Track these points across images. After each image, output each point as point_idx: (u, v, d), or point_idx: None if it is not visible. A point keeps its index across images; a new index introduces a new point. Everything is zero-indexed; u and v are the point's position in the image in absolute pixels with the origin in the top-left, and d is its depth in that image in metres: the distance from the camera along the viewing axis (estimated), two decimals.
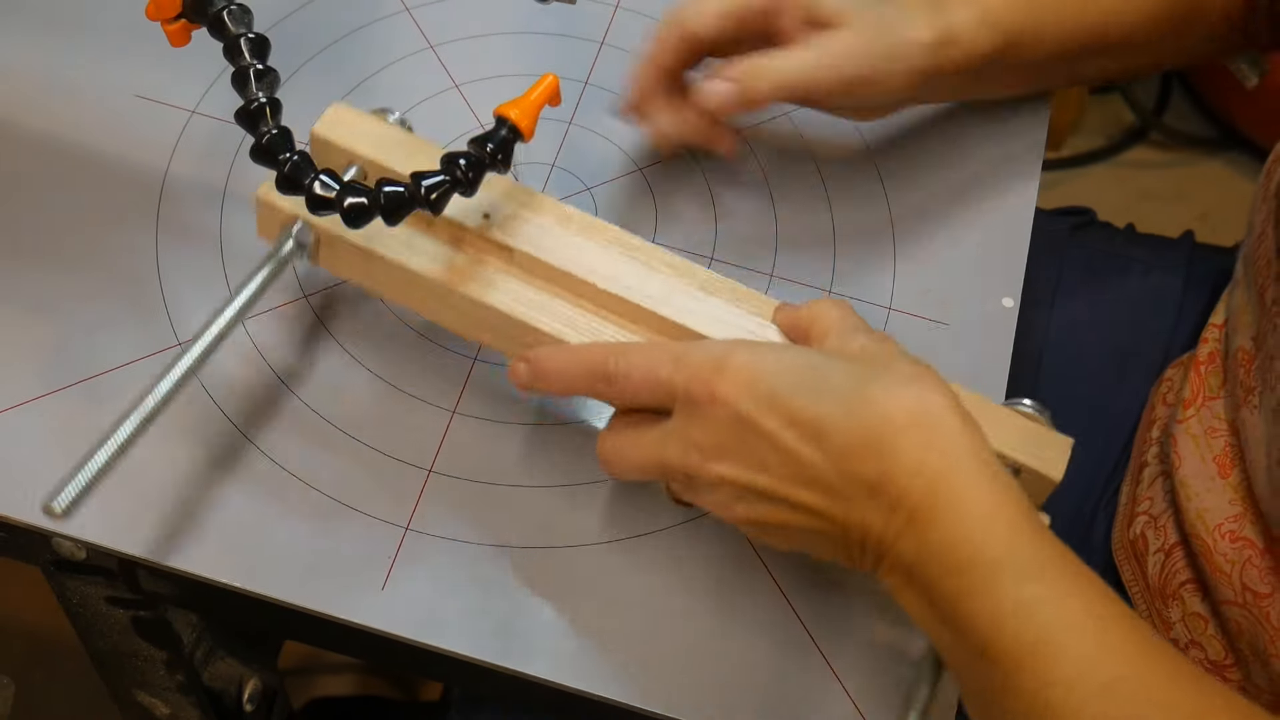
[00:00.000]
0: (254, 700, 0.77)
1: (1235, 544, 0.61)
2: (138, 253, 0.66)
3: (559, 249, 0.58)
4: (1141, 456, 0.72)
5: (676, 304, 0.57)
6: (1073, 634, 0.45)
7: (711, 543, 0.60)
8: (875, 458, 0.48)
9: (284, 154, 0.54)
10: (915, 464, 0.47)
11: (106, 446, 0.52)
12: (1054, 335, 0.81)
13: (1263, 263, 0.65)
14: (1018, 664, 0.45)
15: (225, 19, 0.55)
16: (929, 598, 0.48)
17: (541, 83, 0.57)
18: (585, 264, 0.58)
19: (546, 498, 0.61)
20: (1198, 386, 0.68)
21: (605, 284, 0.57)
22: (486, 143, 0.55)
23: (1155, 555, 0.67)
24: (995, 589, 0.46)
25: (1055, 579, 0.46)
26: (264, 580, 0.57)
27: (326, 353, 0.64)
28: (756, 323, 0.57)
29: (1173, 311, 0.82)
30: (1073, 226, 0.87)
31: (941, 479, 0.47)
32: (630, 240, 0.60)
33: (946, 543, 0.47)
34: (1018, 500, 0.48)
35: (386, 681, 1.31)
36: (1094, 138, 1.84)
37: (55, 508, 0.51)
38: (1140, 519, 0.69)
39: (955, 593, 0.46)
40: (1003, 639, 0.45)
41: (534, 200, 0.60)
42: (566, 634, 0.57)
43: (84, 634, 0.70)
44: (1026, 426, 0.56)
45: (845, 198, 0.73)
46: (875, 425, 0.48)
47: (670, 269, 0.59)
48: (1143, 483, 0.70)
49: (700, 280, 0.59)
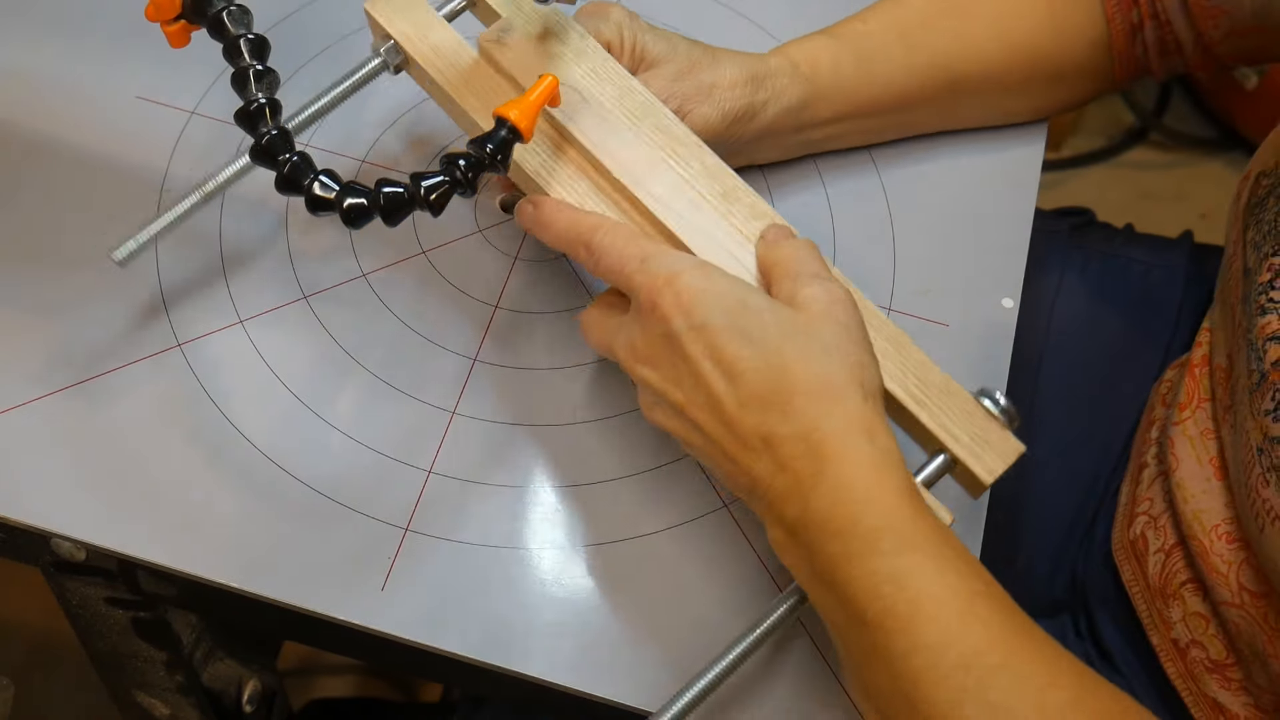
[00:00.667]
0: (253, 701, 0.77)
1: (1231, 545, 0.61)
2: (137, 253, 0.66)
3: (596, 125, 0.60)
4: (1141, 457, 0.72)
5: (675, 206, 0.59)
6: (944, 605, 0.47)
7: (711, 544, 0.60)
8: (773, 414, 0.50)
9: (283, 155, 0.54)
10: (806, 429, 0.50)
11: (168, 214, 0.59)
12: (1054, 336, 0.81)
13: (1233, 282, 0.65)
14: (889, 630, 0.47)
15: (225, 20, 0.55)
16: (810, 560, 0.50)
17: (541, 83, 0.57)
18: (611, 148, 0.60)
19: (546, 498, 0.61)
20: (1193, 390, 0.68)
21: (617, 171, 0.59)
22: (486, 143, 0.55)
23: (1155, 555, 0.67)
24: (872, 556, 0.48)
25: (932, 552, 0.48)
26: (264, 581, 0.57)
27: (326, 353, 0.64)
28: (739, 243, 0.58)
29: (1172, 312, 0.82)
30: (1072, 227, 0.87)
31: (828, 447, 0.50)
32: (676, 130, 0.61)
33: (827, 508, 0.49)
34: (902, 479, 0.50)
35: (386, 683, 1.31)
36: (1094, 138, 1.84)
37: (117, 257, 0.58)
38: (1140, 519, 0.69)
39: (835, 557, 0.49)
40: (877, 604, 0.47)
41: (605, 67, 0.62)
42: (566, 634, 0.57)
43: (84, 635, 0.70)
44: (983, 422, 0.56)
45: (845, 198, 0.73)
46: (781, 383, 0.51)
47: (700, 167, 0.60)
48: (1142, 483, 0.70)
49: (724, 187, 0.60)
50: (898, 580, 0.47)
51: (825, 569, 0.49)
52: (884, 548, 0.48)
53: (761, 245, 0.58)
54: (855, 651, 0.49)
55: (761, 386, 0.51)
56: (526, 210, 0.60)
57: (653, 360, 0.53)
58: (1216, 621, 0.63)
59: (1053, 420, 0.78)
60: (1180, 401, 0.69)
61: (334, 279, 0.67)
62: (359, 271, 0.67)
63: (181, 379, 0.63)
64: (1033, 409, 0.79)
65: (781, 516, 0.51)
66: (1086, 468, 0.77)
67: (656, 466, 0.62)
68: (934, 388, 0.56)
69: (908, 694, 0.47)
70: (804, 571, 0.51)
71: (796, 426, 0.50)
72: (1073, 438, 0.78)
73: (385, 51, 0.63)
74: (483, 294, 0.67)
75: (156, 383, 0.62)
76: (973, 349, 0.67)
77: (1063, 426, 0.78)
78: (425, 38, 0.63)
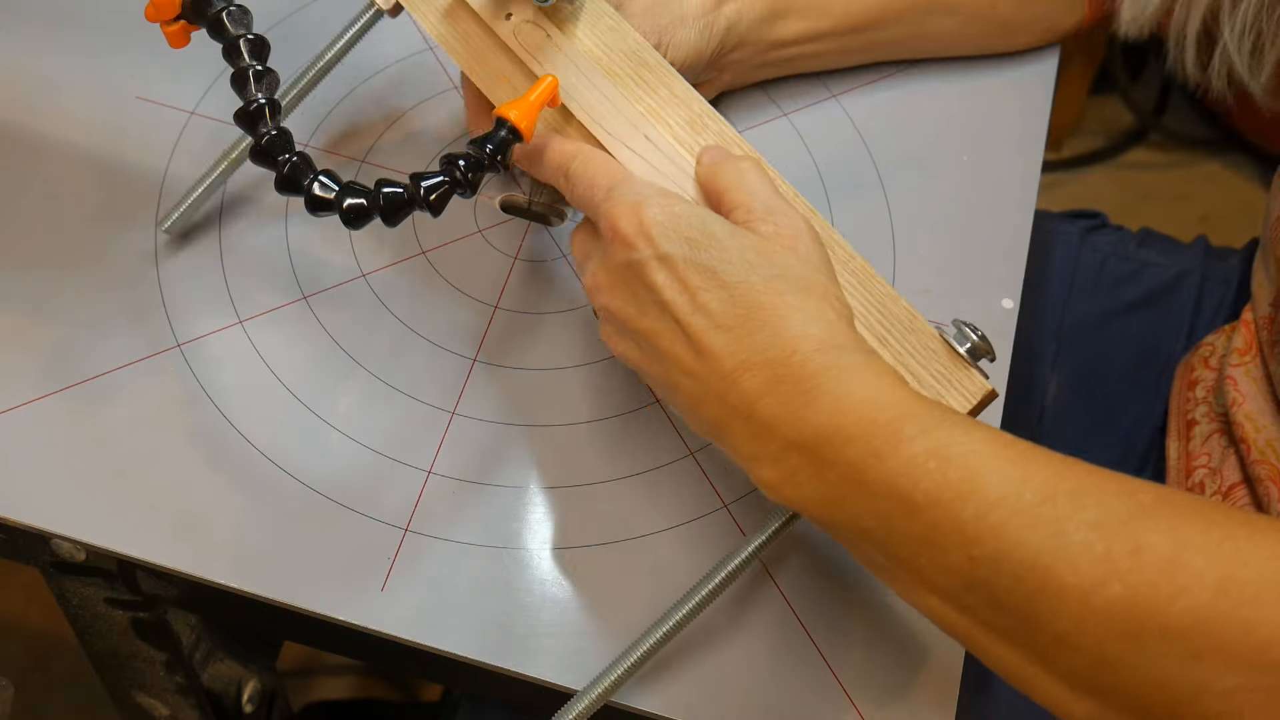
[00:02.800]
0: (253, 701, 0.77)
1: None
2: (137, 253, 0.66)
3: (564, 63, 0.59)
4: (1187, 415, 0.73)
5: (636, 144, 0.58)
6: (993, 458, 0.45)
7: (710, 544, 0.60)
8: (747, 339, 0.49)
9: (283, 155, 0.54)
10: (785, 353, 0.49)
11: (203, 184, 0.64)
12: (1068, 336, 0.82)
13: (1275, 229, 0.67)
14: (949, 500, 0.44)
15: (224, 20, 0.55)
16: (824, 475, 0.48)
17: (541, 83, 0.57)
18: (576, 86, 0.59)
19: (546, 498, 0.61)
20: (1249, 339, 0.70)
21: (577, 109, 0.58)
22: (486, 143, 0.55)
23: (1213, 496, 0.68)
24: (901, 444, 0.46)
25: (954, 420, 0.47)
26: (263, 581, 0.57)
27: (326, 353, 0.64)
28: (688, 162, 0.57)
29: (1188, 311, 0.83)
30: (1085, 229, 0.88)
31: (812, 364, 0.48)
32: (646, 56, 0.60)
33: (829, 419, 0.47)
34: (894, 374, 0.49)
35: (386, 683, 1.31)
36: (1094, 139, 1.84)
37: (165, 226, 0.64)
38: (1199, 471, 0.70)
39: (858, 460, 0.46)
40: (926, 482, 0.45)
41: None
42: (566, 634, 0.57)
43: (83, 636, 0.70)
44: (947, 361, 0.53)
45: (845, 198, 0.73)
46: (752, 311, 0.50)
47: (668, 94, 0.59)
48: (1194, 439, 0.72)
49: (691, 114, 0.59)
50: (938, 454, 0.45)
51: (848, 476, 0.47)
52: (909, 433, 0.46)
53: (701, 169, 0.57)
54: (911, 543, 0.46)
55: (731, 314, 0.50)
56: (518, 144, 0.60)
57: (614, 289, 0.53)
58: None
59: (1071, 417, 0.79)
60: (1239, 348, 0.70)
61: (334, 279, 0.67)
62: (359, 271, 0.67)
63: (181, 379, 0.63)
64: (1047, 408, 0.80)
65: (772, 442, 0.49)
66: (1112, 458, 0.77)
67: (657, 467, 0.62)
68: (898, 323, 0.54)
69: (995, 551, 0.43)
70: (818, 491, 0.48)
71: (775, 352, 0.49)
72: (1093, 433, 0.79)
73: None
74: (483, 294, 0.67)
75: (156, 383, 0.62)
76: None
77: (1078, 427, 0.79)
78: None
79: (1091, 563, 0.41)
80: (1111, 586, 0.41)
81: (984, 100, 0.78)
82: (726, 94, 0.76)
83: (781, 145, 0.75)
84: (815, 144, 0.75)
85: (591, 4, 0.61)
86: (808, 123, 0.76)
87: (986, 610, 0.44)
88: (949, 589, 0.45)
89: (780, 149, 0.74)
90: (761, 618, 0.58)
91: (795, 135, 0.75)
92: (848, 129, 0.76)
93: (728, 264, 0.51)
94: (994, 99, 0.78)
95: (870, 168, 0.74)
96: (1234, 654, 0.39)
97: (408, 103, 0.74)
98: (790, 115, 0.76)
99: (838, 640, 0.58)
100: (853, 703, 0.56)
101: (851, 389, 0.48)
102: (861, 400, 0.47)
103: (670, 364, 0.51)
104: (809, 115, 0.76)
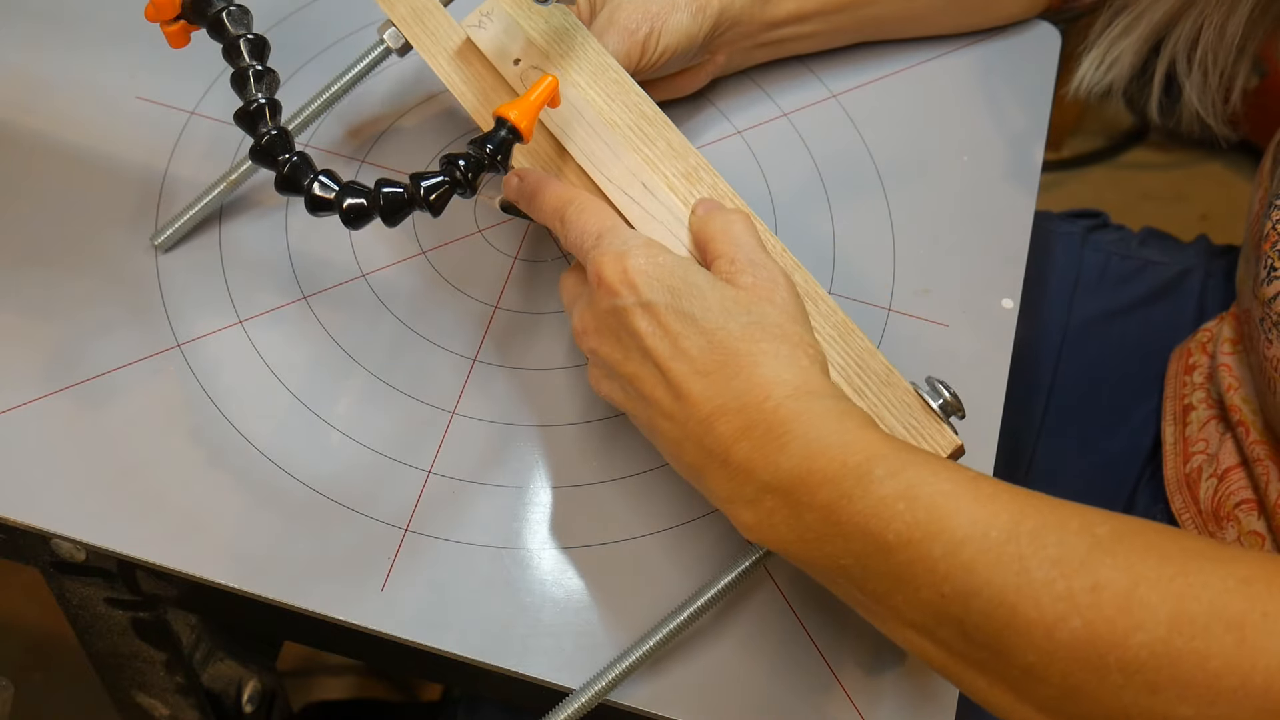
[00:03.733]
0: (253, 701, 0.77)
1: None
2: (137, 254, 0.66)
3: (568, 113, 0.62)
4: (1184, 400, 0.74)
5: (634, 190, 0.60)
6: (959, 499, 0.46)
7: (710, 544, 0.60)
8: (723, 386, 0.51)
9: (283, 155, 0.54)
10: (759, 398, 0.50)
11: (199, 203, 0.64)
12: (1071, 334, 0.82)
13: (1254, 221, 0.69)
14: (919, 540, 0.46)
15: (224, 20, 0.55)
16: (800, 517, 0.49)
17: (541, 83, 0.57)
18: (579, 135, 0.61)
19: (546, 498, 0.61)
20: (1239, 330, 0.72)
21: (577, 153, 0.61)
22: (486, 143, 0.55)
23: (1208, 481, 0.69)
24: (871, 486, 0.47)
25: (920, 460, 0.48)
26: (263, 581, 0.57)
27: (326, 353, 0.64)
28: (683, 212, 0.59)
29: (1191, 309, 0.83)
30: (1087, 229, 0.88)
31: (785, 409, 0.50)
32: (645, 108, 0.62)
33: (801, 463, 0.49)
34: (864, 417, 0.51)
35: (386, 683, 1.31)
36: (1094, 139, 1.84)
37: (156, 243, 0.64)
38: (1197, 457, 0.71)
39: (830, 503, 0.48)
40: (896, 524, 0.47)
41: (583, 46, 0.64)
42: (566, 634, 0.57)
43: (83, 635, 0.70)
44: (920, 415, 0.56)
45: (845, 198, 0.73)
46: (728, 358, 0.51)
47: (666, 146, 0.61)
48: (1191, 424, 0.73)
49: (687, 167, 0.61)
50: (907, 495, 0.47)
51: (822, 518, 0.48)
52: (879, 475, 0.48)
53: (694, 220, 0.59)
54: (885, 580, 0.48)
55: (709, 360, 0.51)
56: (513, 183, 0.61)
57: (600, 333, 0.55)
58: (1272, 540, 0.65)
59: (1074, 415, 0.79)
60: (1230, 338, 0.72)
61: (334, 279, 0.67)
62: (359, 271, 0.67)
63: (181, 379, 0.63)
64: (1050, 407, 0.80)
65: (748, 485, 0.50)
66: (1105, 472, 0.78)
67: (657, 467, 0.62)
68: (874, 376, 0.56)
69: (964, 588, 0.45)
70: (794, 532, 0.50)
71: (749, 397, 0.50)
72: (1099, 430, 0.79)
73: (388, 36, 0.66)
74: (483, 294, 0.67)
75: (156, 383, 0.62)
76: (972, 349, 0.67)
77: (1080, 429, 0.79)
78: (421, 20, 0.65)
79: (1053, 599, 0.43)
80: (1072, 621, 0.43)
81: (984, 100, 0.78)
82: (726, 93, 0.76)
83: (782, 145, 0.75)
84: (815, 144, 0.75)
85: (598, 56, 0.63)
86: (808, 123, 0.76)
87: (960, 643, 0.46)
88: (923, 624, 0.47)
89: (780, 149, 0.74)
90: (761, 617, 0.58)
91: (795, 135, 0.75)
92: (848, 129, 0.76)
93: (707, 311, 0.52)
94: (994, 99, 0.78)
95: (870, 168, 0.74)
96: (1187, 685, 0.42)
97: (408, 102, 0.74)
98: (790, 115, 0.76)
99: (838, 640, 0.58)
100: (853, 703, 0.56)
101: (823, 433, 0.49)
102: (832, 444, 0.49)
103: (652, 408, 0.53)
104: (809, 115, 0.76)
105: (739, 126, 0.75)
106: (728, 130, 0.75)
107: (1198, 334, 0.78)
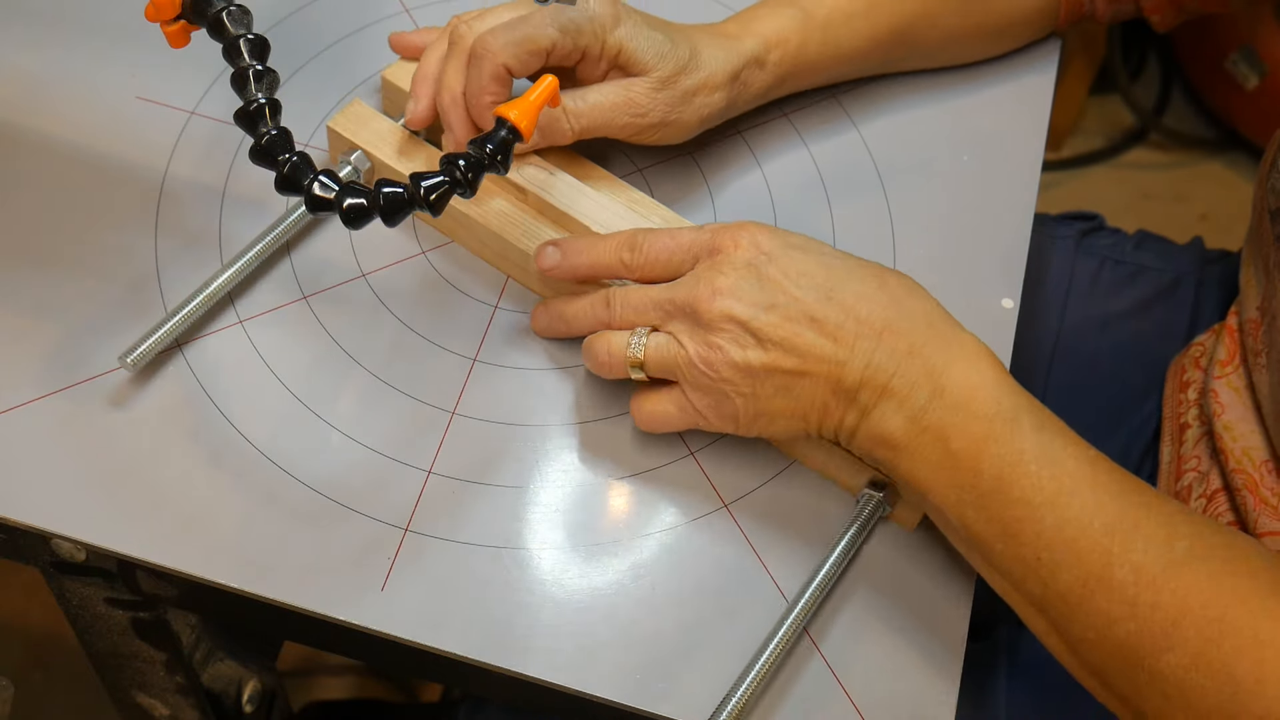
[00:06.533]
0: (253, 701, 0.77)
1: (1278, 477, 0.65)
2: (137, 253, 0.66)
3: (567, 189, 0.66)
4: (1180, 418, 0.75)
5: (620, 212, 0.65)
6: (1080, 479, 0.52)
7: (711, 544, 0.60)
8: (884, 307, 0.55)
9: (283, 155, 0.54)
10: (924, 319, 0.56)
11: (174, 320, 0.62)
12: (1065, 339, 0.82)
13: (1264, 225, 0.68)
14: (1038, 505, 0.52)
15: (224, 20, 0.55)
16: (945, 443, 0.53)
17: (541, 83, 0.57)
18: (582, 207, 0.65)
19: (546, 498, 0.61)
20: (1232, 349, 0.72)
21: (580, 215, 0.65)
22: (486, 144, 0.55)
23: (1198, 500, 0.70)
24: (1016, 435, 0.53)
25: (1057, 429, 0.54)
26: (263, 581, 0.57)
27: (326, 353, 0.64)
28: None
29: (1185, 315, 0.83)
30: (1081, 232, 0.88)
31: (952, 338, 0.55)
32: (634, 193, 0.67)
33: (966, 388, 0.54)
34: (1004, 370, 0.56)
35: (386, 683, 1.31)
36: (1094, 139, 1.84)
37: (129, 361, 0.60)
38: (1188, 475, 0.72)
39: (978, 437, 0.53)
40: (1024, 483, 0.52)
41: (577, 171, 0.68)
42: (566, 634, 0.57)
43: (83, 635, 0.70)
44: None
45: (845, 197, 0.73)
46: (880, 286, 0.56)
47: (660, 221, 0.66)
48: (1186, 442, 0.73)
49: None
50: (1042, 458, 0.52)
51: (964, 449, 0.53)
52: (1025, 426, 0.53)
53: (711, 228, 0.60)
54: (994, 525, 0.53)
55: (862, 289, 0.56)
56: (548, 253, 0.62)
57: (738, 292, 0.56)
58: None
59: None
60: (1221, 359, 0.73)
61: (334, 279, 0.67)
62: (359, 271, 0.67)
63: (181, 379, 0.63)
64: None
65: (914, 408, 0.54)
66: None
67: (657, 467, 0.62)
68: None
69: (1060, 561, 0.51)
70: (930, 457, 0.54)
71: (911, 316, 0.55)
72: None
73: (354, 159, 0.67)
74: (483, 294, 0.67)
75: (156, 383, 0.62)
76: None
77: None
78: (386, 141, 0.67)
79: (1122, 601, 0.50)
80: (1129, 625, 0.50)
81: (984, 100, 0.78)
82: None
83: (782, 145, 0.75)
84: (815, 144, 0.75)
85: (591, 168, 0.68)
86: (808, 123, 0.76)
87: (1039, 591, 0.53)
88: (1010, 571, 0.53)
89: (780, 149, 0.75)
90: (762, 617, 0.58)
91: (795, 135, 0.75)
92: (848, 129, 0.76)
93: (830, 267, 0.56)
94: (994, 99, 0.78)
95: (870, 167, 0.74)
96: (1189, 707, 0.49)
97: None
98: (790, 115, 0.76)
99: (838, 641, 0.58)
100: (853, 703, 0.56)
101: (982, 365, 0.55)
102: (990, 380, 0.54)
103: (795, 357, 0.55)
104: (809, 115, 0.76)
105: (739, 126, 0.75)
106: (728, 130, 0.75)
107: (1190, 349, 0.77)
